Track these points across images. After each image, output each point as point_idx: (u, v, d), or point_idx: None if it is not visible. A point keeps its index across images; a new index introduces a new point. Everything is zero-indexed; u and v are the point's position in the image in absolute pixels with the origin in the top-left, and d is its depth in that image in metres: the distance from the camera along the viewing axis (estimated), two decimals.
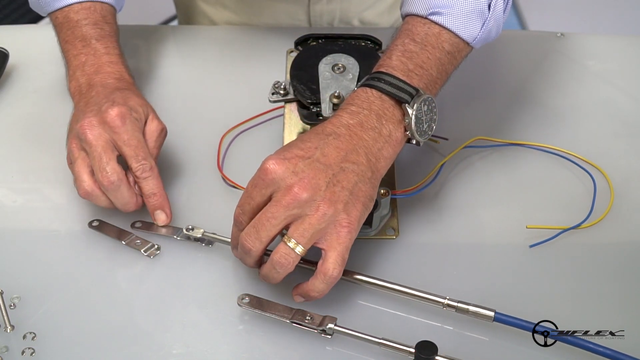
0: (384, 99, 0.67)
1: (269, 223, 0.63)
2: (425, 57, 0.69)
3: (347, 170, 0.64)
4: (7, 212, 0.79)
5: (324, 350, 0.66)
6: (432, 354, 0.62)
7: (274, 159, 0.63)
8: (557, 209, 0.78)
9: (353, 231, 0.64)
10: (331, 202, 0.62)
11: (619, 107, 0.90)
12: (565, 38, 1.00)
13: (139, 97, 0.77)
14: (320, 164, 0.63)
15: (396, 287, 0.68)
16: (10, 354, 0.65)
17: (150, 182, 0.73)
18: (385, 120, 0.66)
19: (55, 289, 0.71)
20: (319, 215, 0.62)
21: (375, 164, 0.66)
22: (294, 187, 0.62)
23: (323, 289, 0.65)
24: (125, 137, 0.72)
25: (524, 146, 0.84)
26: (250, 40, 1.00)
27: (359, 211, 0.64)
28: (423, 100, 0.67)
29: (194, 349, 0.66)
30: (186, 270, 0.72)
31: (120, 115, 0.72)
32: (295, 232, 0.63)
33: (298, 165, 0.63)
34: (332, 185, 0.63)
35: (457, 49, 0.71)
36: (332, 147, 0.65)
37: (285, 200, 0.62)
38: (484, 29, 0.71)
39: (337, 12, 1.07)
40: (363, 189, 0.64)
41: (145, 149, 0.73)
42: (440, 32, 0.70)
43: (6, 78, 0.94)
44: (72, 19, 0.82)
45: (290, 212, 0.62)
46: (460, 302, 0.66)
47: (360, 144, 0.65)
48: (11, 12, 2.00)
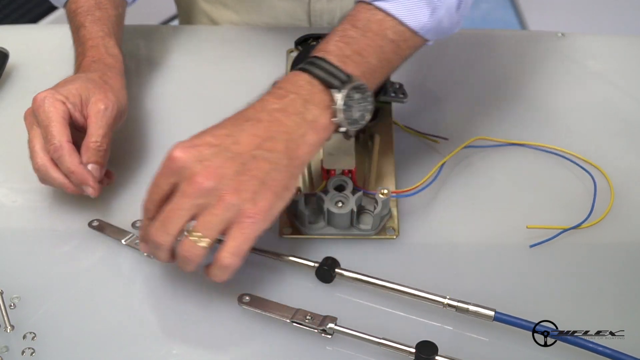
0: (313, 84, 0.64)
1: (175, 215, 0.61)
2: (365, 44, 0.66)
3: (259, 158, 0.62)
4: (7, 212, 0.79)
5: (324, 350, 0.66)
6: (433, 353, 0.62)
7: (181, 147, 0.61)
8: (557, 209, 0.78)
9: (260, 222, 0.61)
10: (237, 192, 0.60)
11: (619, 107, 0.90)
12: (565, 38, 1.00)
13: (87, 80, 0.76)
14: (230, 152, 0.61)
15: (396, 287, 0.68)
16: (10, 354, 0.65)
17: (64, 161, 0.71)
18: (311, 105, 0.64)
19: (55, 289, 0.71)
20: (223, 205, 0.60)
21: (295, 151, 0.63)
22: (197, 176, 0.60)
23: (220, 276, 0.63)
24: (40, 117, 0.72)
25: (524, 146, 0.84)
26: (251, 39, 1.00)
27: (269, 201, 0.61)
28: (355, 88, 0.64)
29: (194, 349, 0.66)
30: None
31: (41, 98, 0.73)
32: (198, 224, 0.61)
33: (204, 153, 0.61)
34: (239, 174, 0.61)
35: (403, 38, 0.68)
36: (247, 134, 0.62)
37: (189, 190, 0.60)
38: (433, 18, 0.67)
39: (337, 11, 1.07)
40: (277, 178, 0.62)
41: (56, 127, 0.71)
42: (384, 19, 0.67)
43: (6, 78, 0.94)
44: (71, 9, 0.84)
45: (195, 202, 0.60)
46: (460, 302, 0.66)
47: (280, 129, 0.63)
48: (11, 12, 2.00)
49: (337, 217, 0.73)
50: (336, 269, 0.70)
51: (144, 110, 0.89)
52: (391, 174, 0.79)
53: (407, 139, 0.85)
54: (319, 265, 0.70)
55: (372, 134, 0.81)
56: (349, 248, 0.74)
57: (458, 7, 0.70)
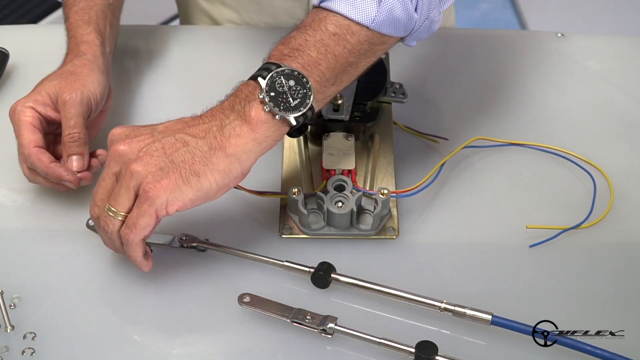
0: (248, 83, 0.66)
1: (99, 186, 0.65)
2: (302, 39, 0.66)
3: (178, 139, 0.64)
4: (7, 212, 0.79)
5: (324, 350, 0.66)
6: (433, 353, 0.62)
7: (119, 126, 0.67)
8: (557, 209, 0.78)
9: (154, 198, 0.62)
10: (142, 162, 0.63)
11: (619, 107, 0.90)
12: (565, 38, 1.00)
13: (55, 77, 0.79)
14: (155, 131, 0.65)
15: (392, 291, 0.68)
16: (11, 354, 0.65)
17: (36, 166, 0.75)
18: (243, 101, 0.65)
19: (55, 289, 0.71)
20: (128, 174, 0.63)
21: (222, 141, 0.64)
22: (118, 144, 0.64)
23: (127, 252, 0.66)
24: (14, 128, 0.76)
25: (524, 146, 0.84)
26: (251, 39, 1.00)
27: (171, 181, 0.62)
28: (284, 74, 0.64)
29: (194, 348, 0.66)
30: (186, 269, 0.72)
31: (12, 110, 0.77)
32: (111, 198, 0.64)
33: (136, 130, 0.66)
34: (153, 149, 0.63)
35: (349, 31, 0.66)
36: (181, 122, 0.66)
37: (109, 158, 0.65)
38: (381, 9, 0.65)
39: None
40: (188, 161, 0.63)
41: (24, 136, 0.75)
42: (327, 16, 0.66)
43: (6, 78, 0.94)
44: (64, 3, 0.86)
45: (113, 170, 0.64)
46: (457, 306, 0.66)
47: (212, 122, 0.65)
48: (11, 12, 2.00)
49: (337, 217, 0.73)
50: (332, 273, 0.69)
51: (143, 110, 0.89)
52: (391, 174, 0.79)
53: (407, 139, 0.85)
54: (314, 270, 0.69)
55: (372, 134, 0.81)
56: (348, 248, 0.74)
57: None
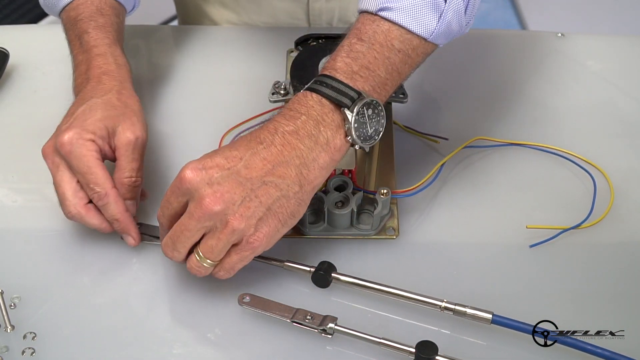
0: (323, 104, 0.63)
1: (183, 236, 0.63)
2: (372, 57, 0.64)
3: (269, 184, 0.62)
4: (7, 212, 0.79)
5: (325, 350, 0.66)
6: (433, 353, 0.62)
7: (192, 167, 0.61)
8: (557, 209, 0.78)
9: (257, 247, 0.63)
10: (243, 218, 0.61)
11: (619, 107, 0.90)
12: (565, 38, 1.00)
13: (107, 106, 0.72)
14: (241, 176, 0.61)
15: (393, 291, 0.68)
16: (11, 354, 0.65)
17: (109, 208, 0.69)
18: (323, 127, 0.63)
19: (55, 289, 0.71)
20: (228, 230, 0.61)
21: (307, 176, 0.63)
22: (205, 199, 0.60)
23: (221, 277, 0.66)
24: (74, 163, 0.69)
25: (524, 146, 0.84)
26: (251, 40, 1.00)
27: (272, 228, 0.63)
28: (366, 104, 0.63)
29: (194, 349, 0.66)
30: (187, 270, 0.72)
31: (68, 142, 0.69)
32: (204, 247, 0.63)
33: (214, 177, 0.61)
34: (247, 201, 0.61)
35: (411, 46, 0.66)
36: (258, 158, 0.62)
37: (197, 213, 0.61)
38: (441, 23, 0.65)
39: (336, 11, 1.07)
40: (285, 205, 0.63)
41: (96, 174, 0.69)
42: (389, 29, 0.65)
43: (6, 78, 0.94)
44: (71, 17, 0.81)
45: (203, 225, 0.62)
46: (457, 305, 0.66)
47: (292, 154, 0.62)
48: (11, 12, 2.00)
49: (337, 217, 0.73)
50: (332, 273, 0.69)
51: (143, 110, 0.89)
52: (391, 174, 0.79)
53: (407, 139, 0.85)
54: (314, 270, 0.69)
55: None
56: (349, 248, 0.74)
57: (466, 8, 0.68)
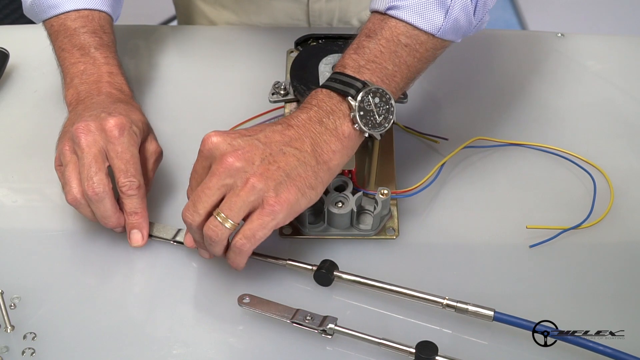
0: (332, 96, 0.67)
1: (204, 194, 0.64)
2: (378, 51, 0.68)
3: (287, 153, 0.64)
4: (7, 212, 0.79)
5: (324, 351, 0.66)
6: (433, 354, 0.62)
7: (215, 132, 0.65)
8: (557, 209, 0.78)
9: (278, 212, 0.63)
10: (262, 177, 0.62)
11: (619, 107, 0.90)
12: (565, 38, 1.00)
13: (140, 113, 0.77)
14: (260, 142, 0.64)
15: (395, 288, 0.68)
16: (11, 354, 0.65)
17: (135, 200, 0.71)
18: (332, 116, 0.66)
19: (55, 289, 0.71)
20: (248, 187, 0.62)
21: (322, 155, 0.66)
22: (227, 156, 0.63)
23: (234, 259, 0.66)
24: (120, 149, 0.70)
25: (524, 146, 0.84)
26: (250, 40, 1.00)
27: (292, 195, 0.63)
28: (371, 92, 0.66)
29: (194, 349, 0.66)
30: (187, 269, 0.72)
31: (120, 125, 0.70)
32: (223, 205, 0.63)
33: (236, 140, 0.64)
34: (266, 163, 0.63)
35: (418, 41, 0.69)
36: (277, 133, 0.65)
37: (219, 170, 0.63)
38: (448, 19, 0.68)
39: (336, 12, 1.07)
40: (303, 175, 0.64)
41: (137, 165, 0.71)
42: (396, 25, 0.68)
43: (6, 78, 0.94)
44: (70, 27, 0.81)
45: (223, 182, 0.63)
46: (459, 302, 0.66)
47: (307, 134, 0.66)
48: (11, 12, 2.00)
49: (337, 217, 0.73)
50: (335, 271, 0.70)
51: (143, 110, 0.89)
52: (391, 174, 0.79)
53: (407, 139, 0.85)
54: (317, 268, 0.70)
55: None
56: (349, 248, 0.74)
57: (475, 4, 0.70)
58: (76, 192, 0.70)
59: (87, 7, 0.82)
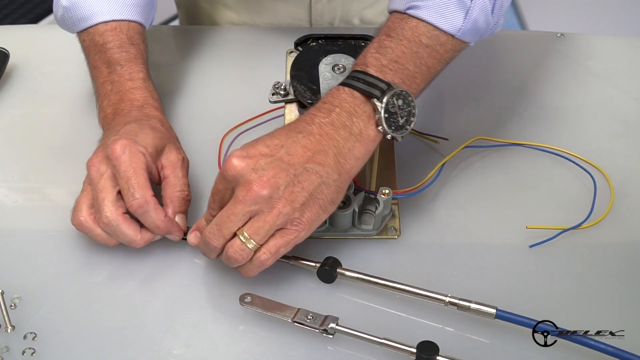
0: (355, 96, 0.66)
1: (229, 220, 0.64)
2: (400, 51, 0.67)
3: (310, 171, 0.64)
4: (7, 212, 0.79)
5: (326, 350, 0.66)
6: (434, 354, 0.62)
7: (238, 155, 0.64)
8: (557, 209, 0.78)
9: (301, 231, 0.65)
10: (288, 202, 0.63)
11: (619, 107, 0.90)
12: (565, 38, 1.00)
13: (154, 127, 0.74)
14: (284, 162, 0.64)
15: (398, 286, 0.68)
16: (11, 354, 0.65)
17: (150, 216, 0.69)
18: (356, 118, 0.66)
19: (55, 289, 0.71)
20: (274, 213, 0.63)
21: (344, 165, 0.65)
22: (253, 184, 0.63)
23: (252, 270, 0.67)
24: (122, 168, 0.69)
25: (524, 146, 0.84)
26: (251, 40, 1.00)
27: (314, 213, 0.64)
28: (395, 94, 0.65)
29: (195, 349, 0.66)
30: (187, 269, 0.72)
31: (121, 147, 0.69)
32: (250, 228, 0.64)
33: (259, 163, 0.63)
34: (291, 185, 0.63)
35: (438, 42, 0.69)
36: (299, 146, 0.65)
37: (244, 197, 0.63)
38: (467, 19, 0.68)
39: (338, 11, 1.07)
40: (325, 192, 0.65)
41: (140, 181, 0.68)
42: (417, 25, 0.68)
43: (6, 78, 0.94)
44: (98, 42, 0.80)
45: (249, 209, 0.63)
46: (462, 300, 0.66)
47: (330, 144, 0.65)
48: (11, 12, 2.00)
49: (339, 217, 0.73)
50: (338, 268, 0.70)
51: None
52: (392, 174, 0.79)
53: (408, 139, 0.84)
54: (320, 265, 0.70)
55: None
56: (350, 248, 0.74)
57: (493, 6, 0.70)
58: (81, 216, 0.70)
59: (116, 18, 0.80)
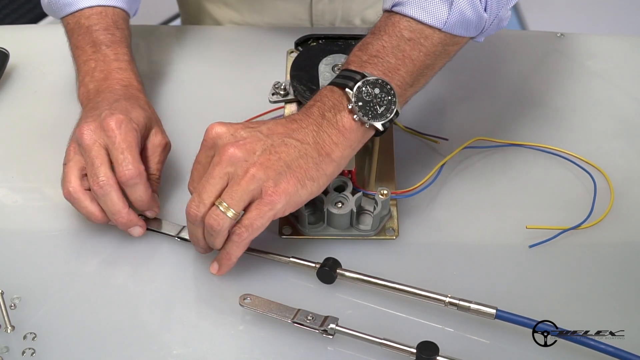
0: (334, 90, 0.68)
1: (208, 184, 0.65)
2: (380, 46, 0.69)
3: (289, 144, 0.65)
4: (7, 212, 0.79)
5: (326, 351, 0.66)
6: (434, 354, 0.62)
7: (219, 122, 0.66)
8: (557, 209, 0.78)
9: (276, 202, 0.64)
10: (262, 166, 0.64)
11: (619, 107, 0.90)
12: (565, 38, 1.00)
13: (143, 108, 0.76)
14: (262, 134, 0.65)
15: (398, 286, 0.68)
16: (11, 354, 0.65)
17: (138, 188, 0.71)
18: (333, 110, 0.67)
19: (55, 289, 0.71)
20: (248, 176, 0.63)
21: (323, 147, 0.66)
22: (229, 146, 0.64)
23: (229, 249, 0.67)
24: (117, 140, 0.70)
25: (524, 146, 0.84)
26: (252, 40, 1.00)
27: (291, 185, 0.64)
28: (369, 83, 0.66)
29: (195, 349, 0.66)
30: (187, 269, 0.72)
31: (117, 121, 0.71)
32: (225, 194, 0.64)
33: (239, 131, 0.65)
34: (267, 153, 0.64)
35: (422, 35, 0.69)
36: (280, 125, 0.67)
37: (221, 159, 0.64)
38: (452, 12, 0.68)
39: (339, 11, 1.07)
40: (303, 166, 0.65)
41: (134, 155, 0.71)
42: (399, 20, 0.69)
43: (6, 78, 0.94)
44: (83, 25, 0.82)
45: (225, 170, 0.64)
46: (462, 300, 0.66)
47: (309, 127, 0.66)
48: (11, 12, 2.01)
49: (336, 217, 0.73)
50: (338, 269, 0.70)
51: None
52: (391, 175, 0.79)
53: (407, 139, 0.85)
54: (320, 266, 0.70)
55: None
56: (348, 249, 0.74)
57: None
58: (71, 186, 0.71)
59: (101, 3, 0.83)
